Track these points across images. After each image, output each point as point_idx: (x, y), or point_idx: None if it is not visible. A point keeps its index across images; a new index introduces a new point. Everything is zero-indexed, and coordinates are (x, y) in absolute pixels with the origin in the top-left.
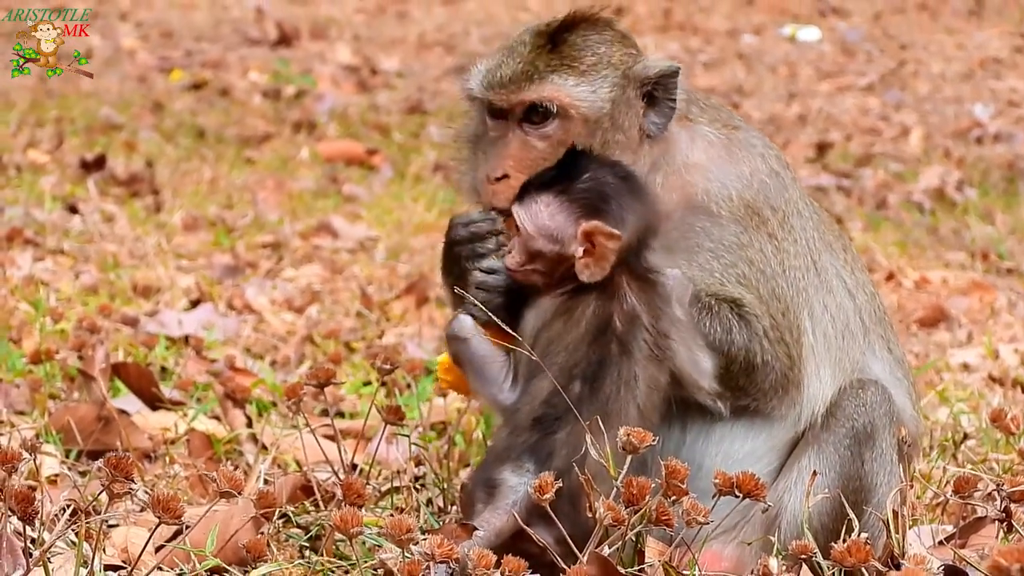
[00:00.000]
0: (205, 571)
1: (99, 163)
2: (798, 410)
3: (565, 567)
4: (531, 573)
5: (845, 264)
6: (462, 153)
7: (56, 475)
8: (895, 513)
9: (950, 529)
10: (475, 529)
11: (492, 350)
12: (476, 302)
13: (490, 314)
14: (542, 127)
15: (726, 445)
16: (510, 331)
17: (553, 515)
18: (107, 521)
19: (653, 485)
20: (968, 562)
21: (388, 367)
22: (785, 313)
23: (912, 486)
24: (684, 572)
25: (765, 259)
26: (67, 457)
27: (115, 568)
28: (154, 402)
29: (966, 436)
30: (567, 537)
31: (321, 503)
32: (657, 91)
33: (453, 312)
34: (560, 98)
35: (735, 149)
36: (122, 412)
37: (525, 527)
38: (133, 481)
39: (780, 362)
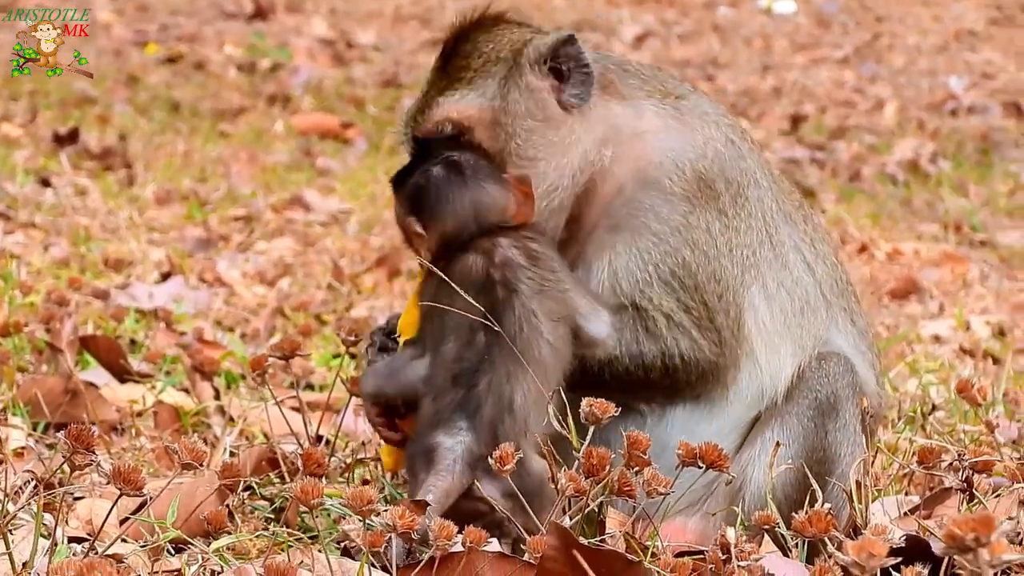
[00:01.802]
0: (168, 543)
1: (72, 136)
2: (758, 388)
3: (514, 521)
4: (483, 535)
5: (805, 235)
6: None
7: (23, 448)
8: (858, 484)
9: (916, 500)
10: (427, 504)
11: (396, 382)
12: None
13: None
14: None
15: (690, 426)
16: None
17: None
18: (71, 493)
19: (614, 456)
20: (931, 532)
21: (352, 339)
22: (722, 295)
23: (875, 457)
24: (646, 543)
25: (710, 239)
26: (34, 430)
27: (79, 540)
28: (122, 375)
29: (934, 407)
30: (514, 488)
31: (286, 475)
32: (561, 64)
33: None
34: (450, 116)
35: (687, 117)
36: (90, 385)
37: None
38: (95, 453)
39: (704, 354)
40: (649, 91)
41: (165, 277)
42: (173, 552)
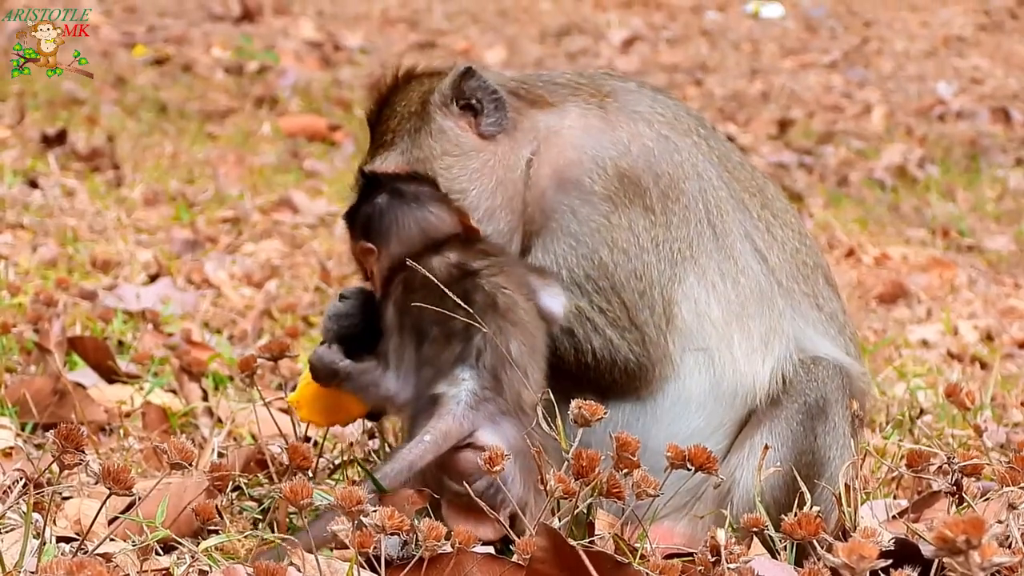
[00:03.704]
0: (156, 542)
1: (60, 138)
2: (719, 383)
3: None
4: (473, 535)
5: (759, 223)
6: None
7: (11, 448)
8: (847, 487)
9: (904, 504)
10: (430, 496)
11: (358, 364)
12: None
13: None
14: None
15: (669, 425)
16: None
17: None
18: (59, 493)
19: (603, 457)
20: (920, 536)
21: None
22: (645, 292)
23: (865, 460)
24: (635, 546)
25: (633, 237)
26: (22, 430)
27: (68, 540)
28: (110, 375)
29: (922, 411)
30: (518, 439)
31: (275, 476)
32: (469, 98)
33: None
34: (377, 169)
35: (611, 116)
36: (78, 385)
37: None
38: (84, 453)
39: (623, 353)
40: (578, 95)
41: (153, 278)
42: (162, 552)
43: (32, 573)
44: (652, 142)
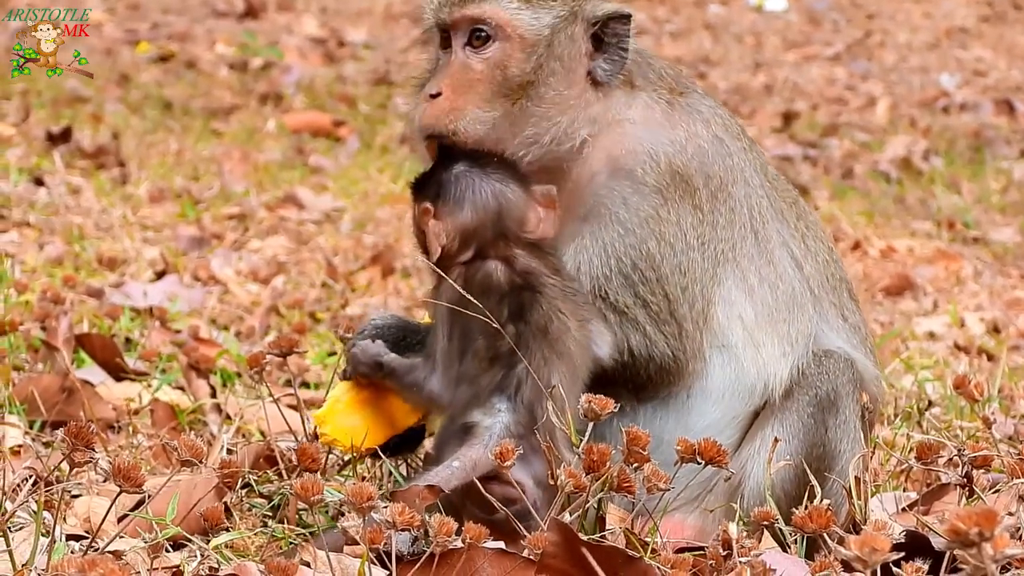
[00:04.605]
0: (166, 540)
1: (65, 135)
2: (742, 381)
3: (539, 511)
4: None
5: (795, 233)
6: (414, 92)
7: (19, 446)
8: (857, 480)
9: (914, 496)
10: (440, 491)
11: (404, 360)
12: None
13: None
14: (482, 50)
15: (684, 418)
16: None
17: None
18: (69, 491)
19: (614, 452)
20: (930, 528)
21: (350, 336)
22: (687, 287)
23: (874, 453)
24: (646, 540)
25: (680, 232)
26: (31, 428)
27: (77, 538)
28: (118, 373)
29: (931, 404)
30: (545, 475)
31: (284, 472)
32: (605, 35)
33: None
34: (499, 17)
35: (674, 113)
36: (86, 383)
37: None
38: (94, 450)
39: (659, 349)
40: (656, 86)
41: (159, 275)
42: (172, 549)
43: (43, 571)
44: (707, 144)
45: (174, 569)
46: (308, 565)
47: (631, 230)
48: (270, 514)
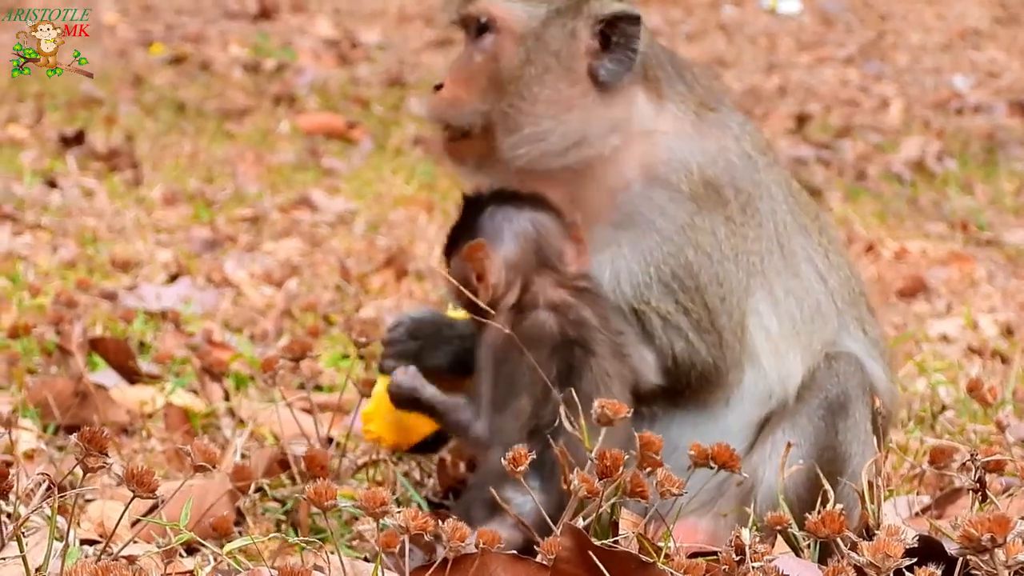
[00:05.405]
0: (180, 545)
1: (79, 138)
2: (764, 390)
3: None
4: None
5: (819, 247)
6: None
7: (33, 450)
8: (870, 484)
9: (927, 500)
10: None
11: (446, 399)
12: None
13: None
14: (480, 41)
15: (699, 427)
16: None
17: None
18: (83, 495)
19: (627, 458)
20: (943, 533)
21: (364, 340)
22: (725, 298)
23: (887, 457)
24: (659, 544)
25: (715, 242)
26: (44, 432)
27: (91, 542)
28: (132, 376)
29: (944, 407)
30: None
31: (297, 477)
32: (613, 34)
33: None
34: (491, 11)
35: (704, 126)
36: (99, 386)
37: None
38: (107, 455)
39: (701, 356)
40: (686, 98)
41: (173, 278)
42: (186, 554)
43: None
44: (736, 158)
45: (188, 574)
46: (321, 570)
47: (669, 238)
48: (283, 519)
